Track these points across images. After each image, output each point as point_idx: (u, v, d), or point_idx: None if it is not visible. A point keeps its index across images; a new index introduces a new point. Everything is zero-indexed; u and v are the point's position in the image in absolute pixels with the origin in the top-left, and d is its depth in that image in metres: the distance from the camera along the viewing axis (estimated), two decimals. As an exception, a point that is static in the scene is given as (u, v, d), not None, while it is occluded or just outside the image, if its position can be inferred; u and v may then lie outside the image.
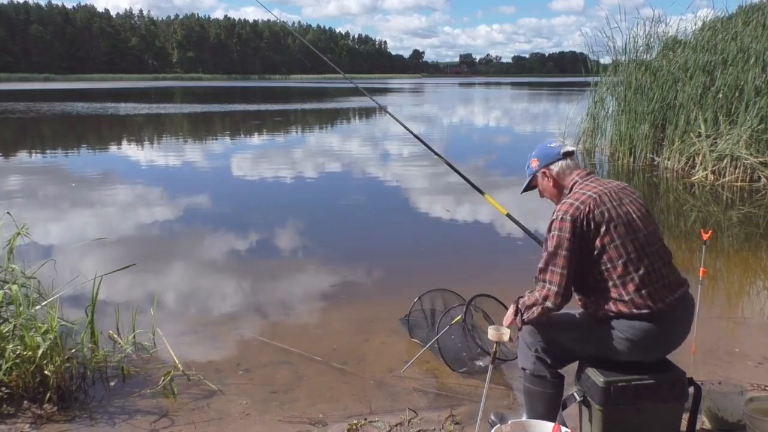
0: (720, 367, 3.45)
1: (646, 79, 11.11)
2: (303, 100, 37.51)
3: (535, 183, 2.60)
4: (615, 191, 2.33)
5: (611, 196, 2.30)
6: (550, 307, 2.28)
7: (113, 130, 20.09)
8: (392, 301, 4.36)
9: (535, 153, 2.57)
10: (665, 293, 2.24)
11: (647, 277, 2.21)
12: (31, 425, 2.85)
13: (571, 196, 2.33)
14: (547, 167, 2.49)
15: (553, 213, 2.32)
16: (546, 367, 2.45)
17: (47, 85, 70.95)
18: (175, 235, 6.77)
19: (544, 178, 2.51)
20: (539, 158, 2.53)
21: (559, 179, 2.47)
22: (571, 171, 2.46)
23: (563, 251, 2.24)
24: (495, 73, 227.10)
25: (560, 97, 42.08)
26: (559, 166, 2.47)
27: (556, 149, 2.50)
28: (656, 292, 2.22)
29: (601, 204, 2.26)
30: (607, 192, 2.31)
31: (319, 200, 8.70)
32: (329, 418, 2.96)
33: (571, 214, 2.25)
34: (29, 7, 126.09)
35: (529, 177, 2.61)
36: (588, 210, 2.24)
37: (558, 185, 2.49)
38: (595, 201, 2.27)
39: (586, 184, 2.38)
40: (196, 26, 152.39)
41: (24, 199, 8.31)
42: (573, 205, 2.27)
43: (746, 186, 8.71)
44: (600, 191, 2.31)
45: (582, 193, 2.32)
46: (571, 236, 2.23)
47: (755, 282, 5.31)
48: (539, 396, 2.49)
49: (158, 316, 3.91)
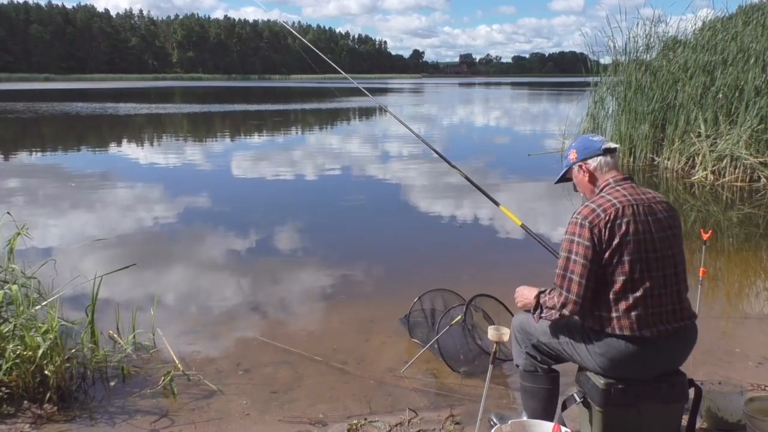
0: (720, 367, 3.45)
1: (646, 79, 11.11)
2: (303, 100, 37.50)
3: (570, 175, 2.47)
4: (644, 204, 2.20)
5: (636, 209, 2.18)
6: (568, 315, 2.23)
7: (113, 130, 20.10)
8: (392, 301, 4.36)
9: (575, 144, 2.45)
10: (657, 321, 2.15)
11: (642, 301, 2.13)
12: (31, 425, 2.84)
13: (596, 200, 2.24)
14: (585, 161, 2.37)
15: (573, 214, 2.24)
16: (538, 363, 2.48)
17: (47, 85, 70.96)
18: (175, 235, 6.76)
19: (580, 171, 2.39)
20: (578, 150, 2.41)
21: (595, 176, 2.35)
22: (609, 170, 2.33)
23: (581, 259, 2.16)
24: (495, 73, 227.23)
25: (560, 97, 42.09)
26: (597, 162, 2.35)
27: (597, 144, 2.38)
28: (646, 318, 2.14)
29: (622, 216, 2.15)
30: (634, 204, 2.19)
31: (320, 200, 8.70)
32: (329, 418, 2.96)
33: (590, 221, 2.16)
34: (29, 7, 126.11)
35: (564, 168, 2.48)
36: (607, 219, 2.15)
37: (593, 181, 2.36)
38: (616, 211, 2.16)
39: (616, 189, 2.25)
40: (196, 26, 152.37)
41: (24, 199, 8.31)
42: (594, 211, 2.18)
43: (746, 186, 8.71)
44: (626, 201, 2.19)
45: (607, 199, 2.21)
46: (591, 244, 2.15)
47: (755, 282, 5.31)
48: (533, 392, 2.52)
49: (158, 316, 3.92)
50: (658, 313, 2.16)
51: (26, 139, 17.53)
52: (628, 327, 2.14)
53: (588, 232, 2.15)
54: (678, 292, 2.22)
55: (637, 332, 2.13)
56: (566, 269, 2.20)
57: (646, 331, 2.13)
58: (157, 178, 10.36)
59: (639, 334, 2.13)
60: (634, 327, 2.13)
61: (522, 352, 2.52)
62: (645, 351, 2.15)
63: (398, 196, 8.82)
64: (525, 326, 2.51)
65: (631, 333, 2.13)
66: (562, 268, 2.22)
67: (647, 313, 2.14)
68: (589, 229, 2.15)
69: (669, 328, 2.17)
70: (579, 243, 2.17)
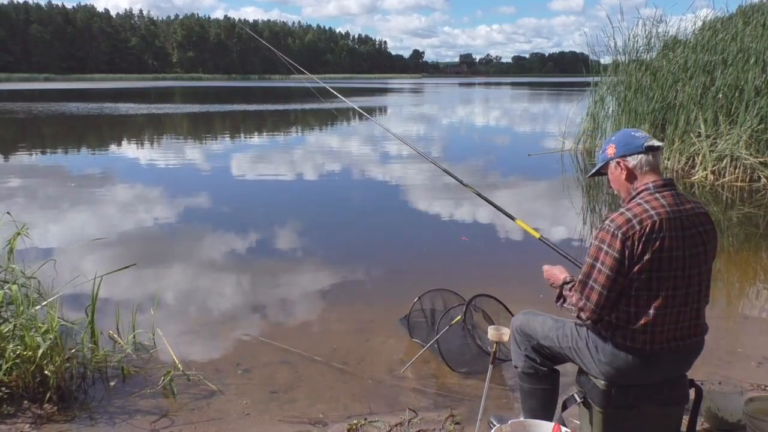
0: (720, 367, 3.44)
1: (646, 79, 11.12)
2: (303, 101, 37.49)
3: (605, 170, 2.30)
4: (683, 217, 2.07)
5: (674, 224, 2.04)
6: (584, 320, 2.17)
7: (113, 130, 20.09)
8: (392, 301, 4.36)
9: (615, 138, 2.25)
10: (671, 337, 2.10)
11: (661, 318, 2.06)
12: (31, 425, 2.84)
13: (632, 207, 2.08)
14: (624, 158, 2.18)
15: (606, 219, 2.11)
16: (538, 365, 2.45)
17: (47, 85, 70.96)
18: (175, 235, 6.76)
19: (618, 168, 2.20)
20: (617, 145, 2.21)
21: (634, 175, 2.17)
22: (649, 171, 2.15)
23: (606, 270, 2.05)
24: (495, 73, 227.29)
25: (560, 97, 42.09)
26: (637, 160, 2.15)
27: (639, 140, 2.17)
28: (662, 334, 2.08)
29: (658, 230, 2.01)
30: (674, 218, 2.04)
31: (320, 200, 8.70)
32: (329, 418, 2.96)
33: (623, 231, 2.02)
34: (29, 7, 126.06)
35: (600, 163, 2.30)
36: (642, 232, 2.01)
37: (630, 180, 2.18)
38: (653, 224, 2.01)
39: (655, 197, 2.08)
40: (196, 26, 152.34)
41: (24, 199, 8.31)
42: (629, 221, 2.03)
43: (746, 186, 8.71)
44: (665, 214, 2.04)
45: (645, 209, 2.05)
46: (620, 257, 2.02)
47: (755, 282, 5.31)
48: (532, 392, 2.49)
49: (158, 316, 3.92)
50: (673, 329, 2.11)
51: (26, 139, 17.53)
52: (641, 341, 2.08)
53: (620, 243, 2.02)
54: (698, 309, 2.16)
55: (647, 346, 2.08)
56: (589, 276, 2.11)
57: (657, 345, 2.09)
58: (156, 178, 10.36)
59: (649, 348, 2.09)
60: (647, 341, 2.08)
61: (521, 354, 2.49)
62: (652, 363, 2.12)
63: (398, 196, 8.81)
64: (525, 328, 2.48)
65: (642, 346, 2.08)
66: (586, 274, 2.12)
67: (663, 329, 2.09)
68: (621, 240, 2.02)
69: (681, 344, 2.13)
70: (607, 253, 2.05)
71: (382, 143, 15.42)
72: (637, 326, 2.07)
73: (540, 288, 3.64)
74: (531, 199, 8.60)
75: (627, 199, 2.19)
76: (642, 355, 2.10)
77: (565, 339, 2.32)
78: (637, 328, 2.08)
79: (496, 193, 8.92)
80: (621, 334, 2.11)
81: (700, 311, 2.18)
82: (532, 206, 8.11)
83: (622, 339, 2.10)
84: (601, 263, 2.07)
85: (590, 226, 7.15)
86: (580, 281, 2.15)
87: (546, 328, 2.40)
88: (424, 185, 9.60)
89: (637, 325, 2.07)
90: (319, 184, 9.98)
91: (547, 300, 3.51)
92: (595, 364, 2.20)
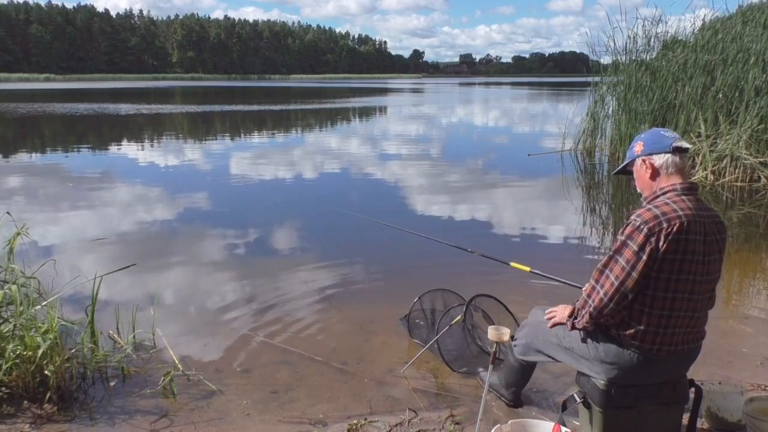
0: (720, 367, 3.44)
1: (646, 79, 11.12)
2: (303, 101, 37.50)
3: (631, 168, 2.30)
4: (706, 224, 2.07)
5: (699, 227, 2.04)
6: (593, 309, 2.13)
7: (113, 130, 20.08)
8: (392, 301, 4.36)
9: (644, 136, 2.25)
10: (680, 341, 2.11)
11: (672, 321, 2.07)
12: (31, 425, 2.84)
13: (660, 206, 2.05)
14: (650, 156, 2.17)
15: (633, 213, 2.09)
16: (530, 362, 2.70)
17: (47, 85, 70.92)
18: (175, 235, 6.76)
19: (643, 166, 2.19)
20: (645, 143, 2.21)
21: (659, 173, 2.16)
22: (675, 172, 2.14)
23: (624, 262, 2.04)
24: (495, 73, 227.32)
25: (560, 97, 42.08)
26: (664, 159, 2.14)
27: (668, 140, 2.16)
28: (673, 336, 2.09)
29: (686, 231, 2.00)
30: (698, 222, 2.04)
31: (319, 200, 8.69)
32: (329, 418, 2.96)
33: (650, 227, 2.00)
34: (29, 7, 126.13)
35: (627, 160, 2.29)
36: (669, 231, 1.99)
37: (654, 179, 2.17)
38: (681, 225, 2.00)
39: (682, 199, 2.07)
40: (196, 26, 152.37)
41: (24, 199, 8.31)
42: (657, 218, 2.01)
43: (746, 186, 8.71)
44: (692, 217, 2.03)
45: (673, 208, 2.03)
46: (640, 251, 2.00)
47: (755, 282, 5.30)
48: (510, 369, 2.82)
49: (158, 316, 3.92)
50: (682, 333, 2.11)
51: (26, 139, 17.52)
52: (649, 342, 2.08)
53: (643, 238, 2.00)
54: (705, 315, 2.18)
55: (654, 347, 2.09)
56: (606, 266, 2.11)
57: (666, 347, 2.10)
58: (156, 177, 10.35)
59: (657, 349, 2.09)
60: (656, 343, 2.08)
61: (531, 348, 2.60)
62: (655, 365, 2.13)
63: (398, 196, 8.81)
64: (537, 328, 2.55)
65: (650, 347, 2.09)
66: (604, 264, 2.12)
67: (675, 332, 2.09)
68: (646, 235, 2.00)
69: (685, 348, 2.15)
70: (629, 246, 2.04)
71: (382, 143, 15.42)
72: (649, 327, 2.07)
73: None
74: (531, 199, 8.60)
75: (649, 198, 2.17)
76: (649, 356, 2.10)
77: (567, 338, 2.34)
78: (649, 330, 2.08)
79: (496, 192, 8.93)
80: (629, 332, 2.11)
81: (706, 317, 2.19)
82: (533, 206, 8.11)
83: (629, 337, 2.11)
84: (620, 255, 2.06)
85: (590, 226, 7.15)
86: (598, 269, 2.14)
87: (551, 336, 2.44)
88: (423, 185, 9.59)
89: (650, 326, 2.07)
90: (319, 184, 9.97)
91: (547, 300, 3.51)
92: (599, 365, 2.21)
